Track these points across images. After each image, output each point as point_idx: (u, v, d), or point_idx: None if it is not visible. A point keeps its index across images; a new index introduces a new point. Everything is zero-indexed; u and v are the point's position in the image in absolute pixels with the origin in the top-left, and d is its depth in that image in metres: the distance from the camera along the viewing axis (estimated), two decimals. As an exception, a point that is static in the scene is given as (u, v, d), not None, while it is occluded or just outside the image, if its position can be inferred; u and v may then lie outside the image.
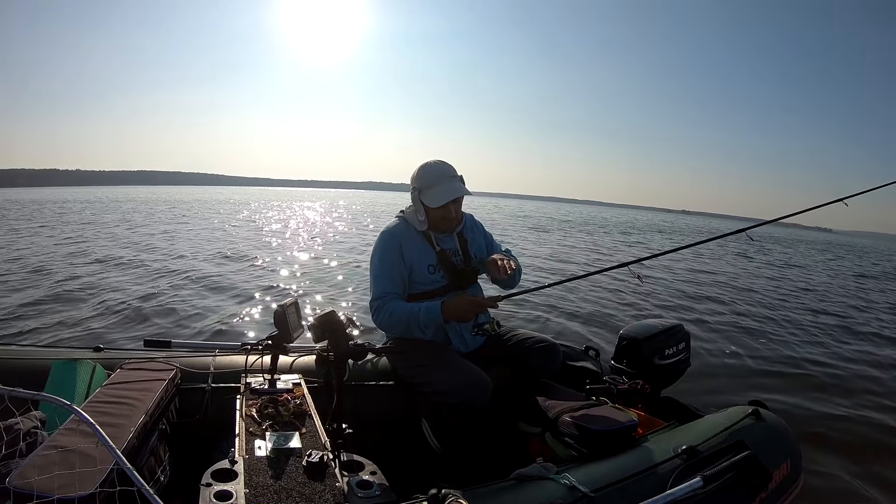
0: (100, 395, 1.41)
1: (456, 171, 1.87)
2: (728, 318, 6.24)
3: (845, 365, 4.67)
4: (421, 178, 1.84)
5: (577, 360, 2.28)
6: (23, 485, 0.91)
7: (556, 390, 1.88)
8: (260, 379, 1.54)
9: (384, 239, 1.88)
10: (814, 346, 5.27)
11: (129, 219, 17.30)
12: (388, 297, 1.79)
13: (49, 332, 4.14)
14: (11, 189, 70.39)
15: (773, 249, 22.14)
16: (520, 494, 1.23)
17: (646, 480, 1.34)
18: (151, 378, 1.55)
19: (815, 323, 6.55)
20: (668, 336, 2.26)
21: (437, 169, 1.85)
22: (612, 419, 1.63)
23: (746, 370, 4.25)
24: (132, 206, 26.71)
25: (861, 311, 7.85)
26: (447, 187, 1.82)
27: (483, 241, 2.06)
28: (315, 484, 1.05)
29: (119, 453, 0.94)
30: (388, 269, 1.83)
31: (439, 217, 1.85)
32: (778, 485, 1.59)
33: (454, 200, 1.83)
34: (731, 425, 1.67)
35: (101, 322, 4.48)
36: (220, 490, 0.98)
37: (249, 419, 1.30)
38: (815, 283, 11.21)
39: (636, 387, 2.13)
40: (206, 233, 13.34)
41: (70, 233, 12.04)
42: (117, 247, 9.66)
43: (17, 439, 1.09)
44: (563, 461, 1.49)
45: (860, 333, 6.19)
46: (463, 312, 1.73)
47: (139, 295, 5.51)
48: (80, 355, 1.77)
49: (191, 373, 1.72)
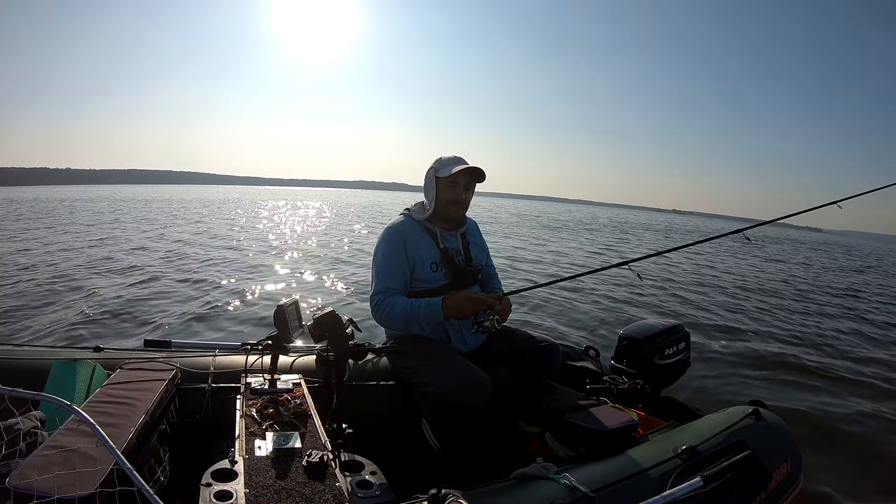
0: (100, 395, 1.40)
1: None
2: (728, 317, 6.24)
3: (846, 365, 4.68)
4: (439, 160, 1.90)
5: (577, 360, 2.28)
6: (23, 485, 0.91)
7: (556, 390, 1.88)
8: (260, 379, 1.54)
9: (388, 235, 1.88)
10: (814, 346, 5.27)
11: (120, 218, 17.26)
12: (389, 293, 1.80)
13: (49, 332, 4.14)
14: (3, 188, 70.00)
15: (769, 248, 22.22)
16: (520, 494, 1.23)
17: (646, 480, 1.34)
18: (151, 378, 1.55)
19: (815, 322, 6.56)
20: (668, 336, 2.27)
21: (455, 156, 1.92)
22: (612, 419, 1.63)
23: (746, 370, 4.25)
24: (129, 205, 26.55)
25: (859, 309, 7.87)
26: (462, 163, 1.87)
27: (483, 247, 2.09)
28: (315, 484, 1.05)
29: (119, 453, 0.94)
30: (390, 264, 1.83)
31: (447, 199, 1.87)
32: (778, 485, 1.59)
33: (465, 185, 1.88)
34: (731, 425, 1.67)
35: (100, 322, 4.48)
36: (220, 490, 0.98)
37: (249, 419, 1.30)
38: (813, 283, 11.22)
39: (636, 387, 2.14)
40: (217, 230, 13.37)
41: (64, 231, 12.05)
42: (109, 247, 9.66)
43: (17, 439, 1.09)
44: (563, 461, 1.49)
45: (859, 332, 6.19)
46: (463, 309, 1.73)
47: (137, 295, 5.51)
48: (80, 355, 1.77)
49: (191, 373, 1.72)
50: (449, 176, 1.83)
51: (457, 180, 1.85)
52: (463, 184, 1.87)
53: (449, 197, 1.87)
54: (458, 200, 1.89)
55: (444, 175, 1.85)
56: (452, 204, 1.89)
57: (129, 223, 15.40)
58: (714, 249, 15.97)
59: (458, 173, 1.83)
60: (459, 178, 1.85)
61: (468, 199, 1.92)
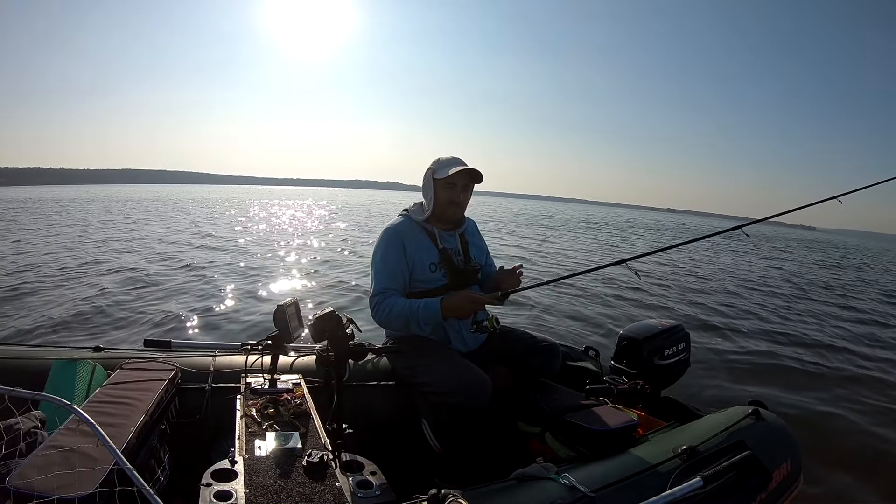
0: (100, 395, 1.40)
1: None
2: (728, 317, 6.24)
3: (846, 364, 4.68)
4: (437, 161, 1.91)
5: (577, 360, 2.28)
6: (23, 485, 0.91)
7: (556, 390, 1.88)
8: (260, 379, 1.54)
9: (387, 236, 1.89)
10: (814, 346, 5.27)
11: (109, 218, 17.17)
12: (388, 294, 1.80)
13: (49, 332, 4.14)
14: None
15: (763, 246, 22.26)
16: (520, 494, 1.23)
17: (646, 480, 1.34)
18: (151, 378, 1.55)
19: (815, 322, 6.56)
20: (668, 336, 2.26)
21: (453, 157, 1.92)
22: (612, 419, 1.63)
23: (746, 370, 4.25)
24: (126, 205, 26.29)
25: (860, 308, 7.86)
26: (460, 164, 1.87)
27: (482, 247, 2.10)
28: (315, 484, 1.05)
29: (119, 453, 0.94)
30: (389, 265, 1.83)
31: (445, 200, 1.88)
32: (778, 485, 1.59)
33: (463, 186, 1.88)
34: (731, 425, 1.67)
35: (100, 322, 4.48)
36: (220, 490, 0.98)
37: (249, 419, 1.30)
38: (811, 282, 11.22)
39: (636, 387, 2.13)
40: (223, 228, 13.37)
41: (56, 232, 12.05)
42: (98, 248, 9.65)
43: (17, 439, 1.09)
44: (563, 461, 1.49)
45: (860, 331, 6.19)
46: (462, 309, 1.73)
47: (137, 295, 5.51)
48: (80, 355, 1.77)
49: (191, 373, 1.72)
50: (446, 177, 1.84)
51: (454, 181, 1.86)
52: (461, 185, 1.88)
53: (446, 198, 1.88)
54: (455, 201, 1.89)
55: (441, 176, 1.85)
56: (450, 205, 1.89)
57: (128, 223, 15.38)
58: (712, 247, 16.01)
59: (456, 174, 1.83)
60: (457, 179, 1.85)
61: (466, 200, 1.92)
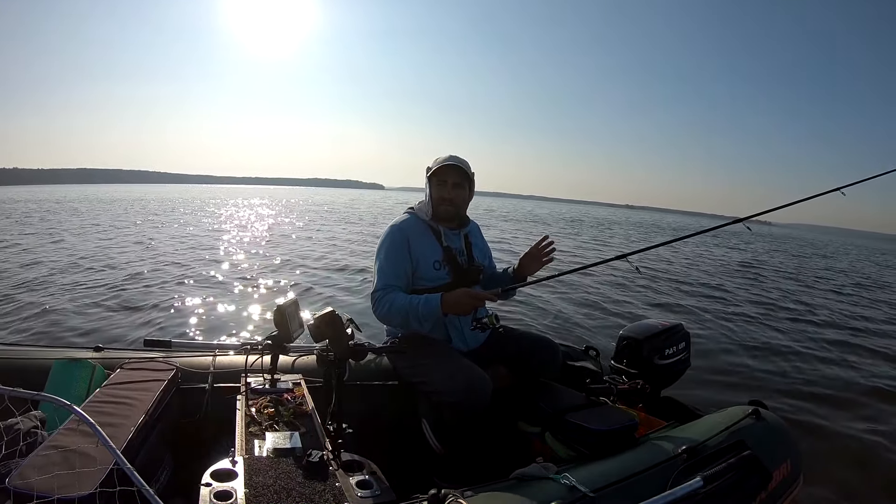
0: (100, 395, 1.40)
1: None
2: (728, 317, 6.24)
3: (846, 364, 4.68)
4: (435, 160, 1.93)
5: (577, 360, 2.28)
6: (23, 485, 0.91)
7: (556, 390, 1.88)
8: (260, 379, 1.54)
9: (392, 233, 1.89)
10: (814, 346, 5.27)
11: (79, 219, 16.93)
12: (390, 290, 1.80)
13: (49, 332, 4.14)
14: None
15: (753, 243, 22.33)
16: (520, 494, 1.23)
17: (646, 480, 1.34)
18: (151, 378, 1.55)
19: (814, 322, 6.56)
20: (669, 336, 2.26)
21: (450, 155, 1.93)
22: (612, 419, 1.63)
23: (746, 370, 4.25)
24: (92, 205, 24.35)
25: (858, 308, 7.87)
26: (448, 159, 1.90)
27: (484, 249, 2.11)
28: (315, 484, 1.05)
29: (119, 453, 0.94)
30: (392, 262, 1.84)
31: (437, 197, 1.90)
32: (778, 484, 1.59)
33: (454, 183, 1.89)
34: (732, 425, 1.67)
35: (100, 322, 4.48)
36: (220, 490, 0.98)
37: (249, 419, 1.30)
38: (807, 281, 11.22)
39: (636, 387, 2.13)
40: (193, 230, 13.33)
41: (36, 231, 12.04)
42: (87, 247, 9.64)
43: (17, 439, 1.09)
44: (563, 461, 1.49)
45: (859, 332, 6.19)
46: (461, 305, 1.73)
47: (137, 295, 5.51)
48: (80, 355, 1.77)
49: (191, 373, 1.72)
50: (434, 173, 1.88)
51: (443, 178, 1.88)
52: (451, 182, 1.89)
53: (438, 195, 1.90)
54: (445, 198, 1.90)
55: (430, 174, 1.90)
56: (442, 202, 1.90)
57: (120, 223, 15.30)
58: (706, 243, 16.01)
59: (441, 169, 1.87)
60: (447, 176, 1.88)
61: (458, 196, 1.92)
